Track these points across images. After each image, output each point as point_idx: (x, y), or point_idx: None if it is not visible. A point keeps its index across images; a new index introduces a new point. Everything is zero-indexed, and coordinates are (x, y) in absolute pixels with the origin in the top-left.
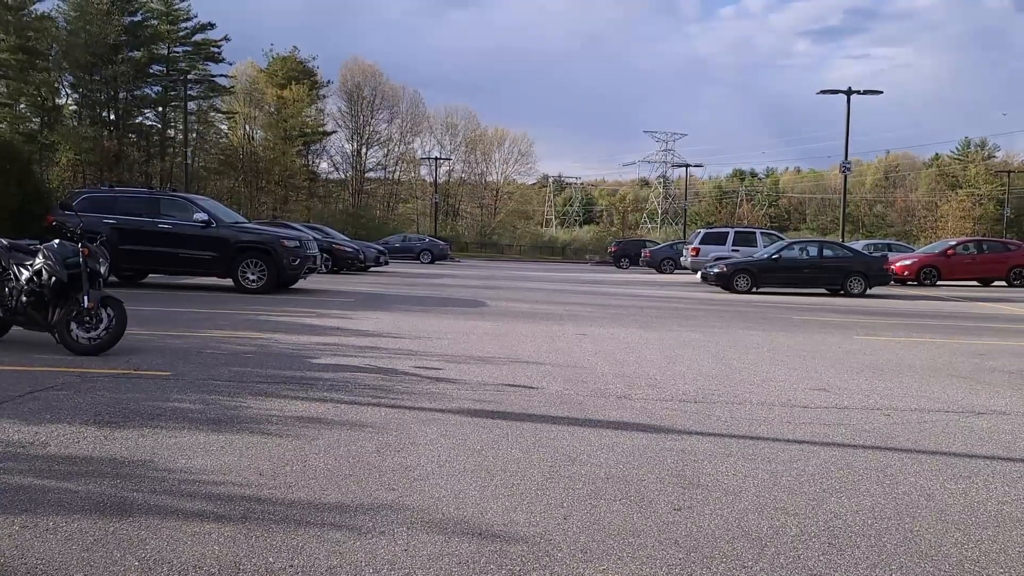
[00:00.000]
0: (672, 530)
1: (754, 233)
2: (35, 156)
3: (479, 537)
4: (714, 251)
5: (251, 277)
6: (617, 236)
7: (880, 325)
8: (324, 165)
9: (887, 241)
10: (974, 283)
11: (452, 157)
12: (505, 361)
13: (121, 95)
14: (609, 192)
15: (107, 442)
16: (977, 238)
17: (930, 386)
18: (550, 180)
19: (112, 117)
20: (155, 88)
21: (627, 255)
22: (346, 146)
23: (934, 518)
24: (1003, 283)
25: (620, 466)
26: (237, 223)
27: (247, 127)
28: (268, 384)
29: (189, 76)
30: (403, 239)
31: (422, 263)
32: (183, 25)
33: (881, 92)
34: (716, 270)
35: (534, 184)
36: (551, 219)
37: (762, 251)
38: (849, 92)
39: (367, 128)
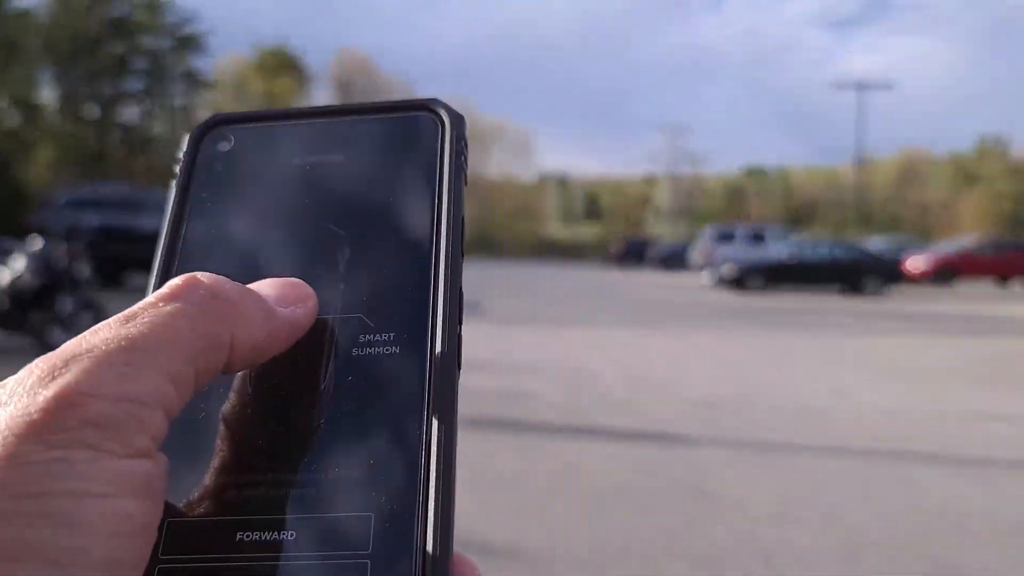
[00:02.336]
0: (679, 543)
1: (765, 231)
2: (16, 154)
3: (478, 553)
4: (723, 250)
5: None
6: (622, 234)
7: (896, 326)
8: None
9: (902, 239)
10: (992, 282)
11: None
12: (505, 366)
13: (104, 90)
14: (613, 189)
15: None
16: (995, 236)
17: (948, 390)
18: (551, 177)
19: (94, 114)
20: (138, 84)
21: (633, 254)
22: None
23: (952, 527)
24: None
25: (625, 476)
26: None
27: None
28: None
29: (174, 70)
30: None
31: None
32: (167, 18)
33: (892, 87)
34: (725, 270)
35: (535, 181)
36: (553, 217)
37: (773, 250)
38: (861, 87)
39: None
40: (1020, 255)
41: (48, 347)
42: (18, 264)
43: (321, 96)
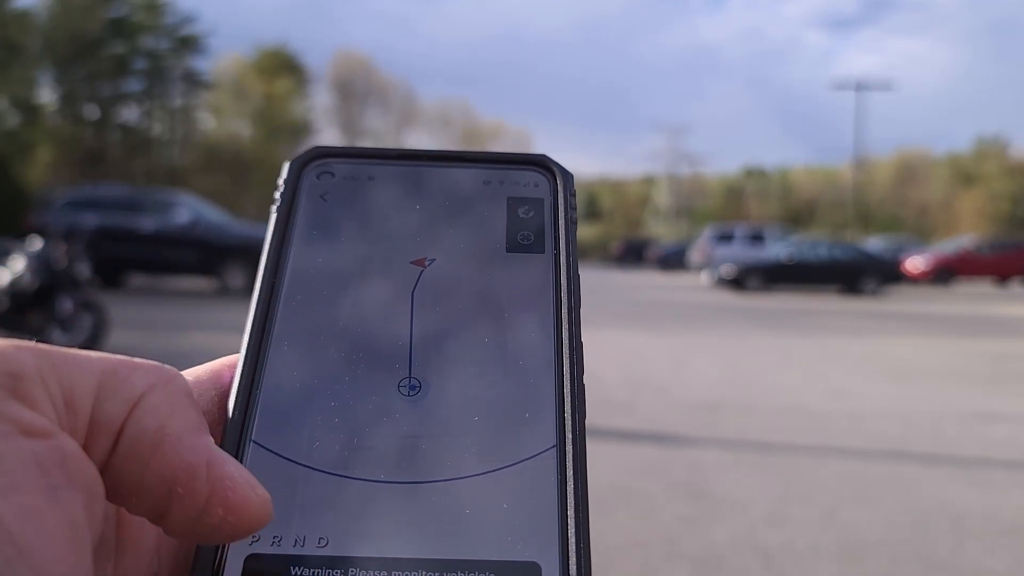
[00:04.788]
0: (679, 543)
1: (764, 232)
2: (16, 155)
3: None
4: (722, 250)
5: (239, 279)
6: (622, 234)
7: (894, 326)
8: None
9: (901, 239)
10: (990, 282)
11: None
12: None
13: (103, 91)
14: (613, 189)
15: None
16: (993, 236)
17: (946, 390)
18: None
19: (94, 114)
20: (138, 84)
21: (632, 254)
22: (337, 141)
23: (950, 527)
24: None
25: (625, 477)
26: (223, 223)
27: (233, 123)
28: None
29: (173, 71)
30: None
31: None
32: (167, 19)
33: (892, 89)
34: (724, 270)
35: None
36: None
37: (772, 250)
38: (860, 87)
39: (359, 124)
40: (1018, 255)
41: None
42: (18, 264)
43: (321, 97)
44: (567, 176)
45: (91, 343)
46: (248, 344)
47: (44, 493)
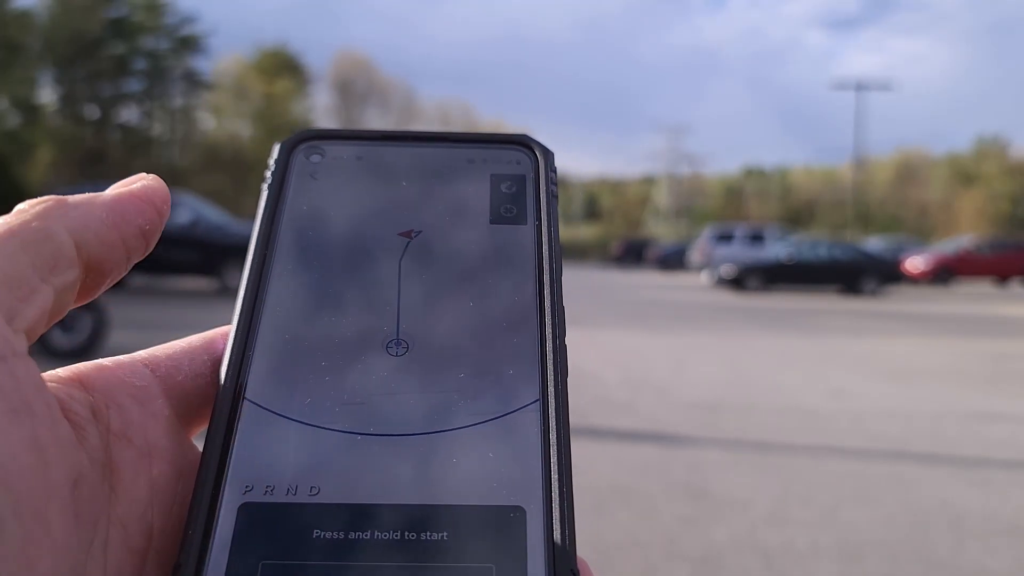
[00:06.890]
0: (678, 543)
1: (763, 232)
2: (16, 155)
3: None
4: (722, 250)
5: (239, 278)
6: (622, 234)
7: (894, 326)
8: None
9: (901, 239)
10: (990, 282)
11: None
12: None
13: (103, 91)
14: (613, 189)
15: None
16: (993, 236)
17: (946, 390)
18: None
19: (94, 114)
20: (138, 84)
21: (632, 254)
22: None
23: (950, 527)
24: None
25: (625, 477)
26: (223, 223)
27: (233, 123)
28: None
29: (173, 71)
30: None
31: None
32: (167, 19)
33: (892, 89)
34: (724, 270)
35: None
36: None
37: (772, 250)
38: (860, 87)
39: (359, 123)
40: (1018, 255)
41: (48, 347)
42: None
43: (321, 97)
44: (548, 153)
45: (91, 343)
46: (241, 308)
47: (4, 416)
